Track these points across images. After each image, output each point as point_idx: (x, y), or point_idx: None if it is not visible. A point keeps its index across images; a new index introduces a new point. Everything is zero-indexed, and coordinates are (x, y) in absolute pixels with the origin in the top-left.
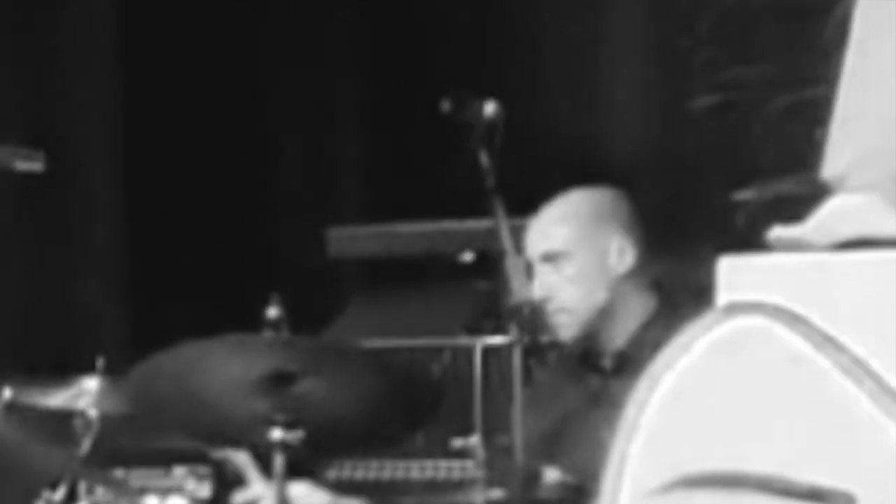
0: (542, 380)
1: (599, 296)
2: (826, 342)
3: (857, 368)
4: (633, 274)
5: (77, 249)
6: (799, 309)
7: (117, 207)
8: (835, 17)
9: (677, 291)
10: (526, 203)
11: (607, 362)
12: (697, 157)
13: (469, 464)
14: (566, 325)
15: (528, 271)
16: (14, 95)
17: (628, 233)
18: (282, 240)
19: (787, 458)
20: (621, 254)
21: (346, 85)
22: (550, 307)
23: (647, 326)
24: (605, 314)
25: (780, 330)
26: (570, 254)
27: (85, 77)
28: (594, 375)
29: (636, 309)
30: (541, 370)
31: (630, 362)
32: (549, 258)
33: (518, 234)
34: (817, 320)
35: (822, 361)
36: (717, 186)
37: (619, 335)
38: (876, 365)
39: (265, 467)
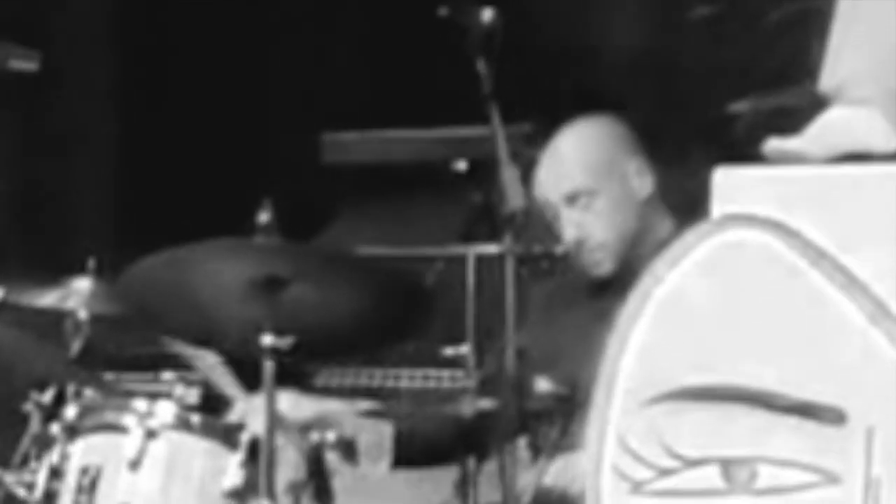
0: (555, 291)
1: (630, 225)
2: (820, 257)
3: (849, 283)
4: (653, 197)
5: (69, 150)
6: (794, 222)
7: (110, 109)
8: None
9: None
10: (521, 110)
11: (619, 282)
12: (694, 68)
13: (460, 373)
14: (602, 262)
15: (523, 179)
16: None
17: (642, 154)
18: (275, 145)
19: (778, 372)
20: (641, 176)
21: None
22: (587, 247)
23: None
24: (634, 243)
25: (773, 243)
26: (595, 190)
27: None
28: (608, 293)
29: (659, 233)
30: (554, 281)
31: None
32: (575, 199)
33: (513, 142)
34: (812, 234)
35: (814, 275)
36: (714, 98)
37: (644, 261)
38: (868, 278)
39: (255, 374)
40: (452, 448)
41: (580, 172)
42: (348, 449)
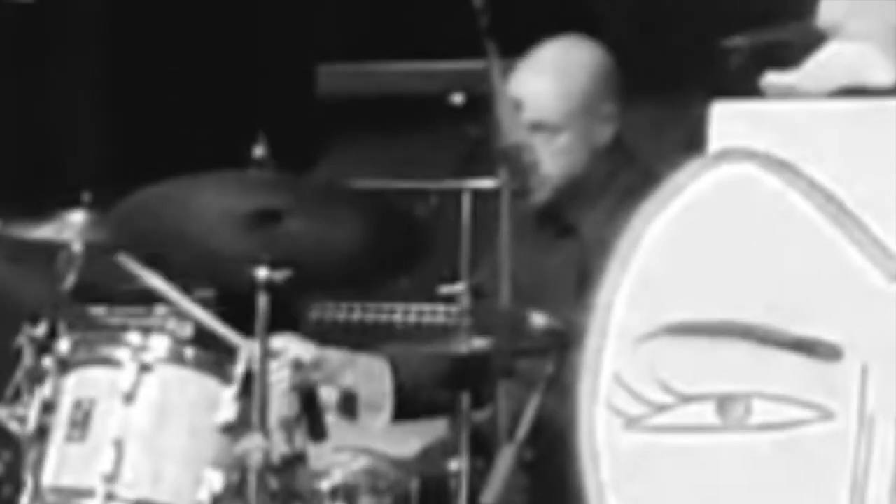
0: (517, 226)
1: (581, 167)
2: (815, 191)
3: (846, 218)
4: (611, 146)
5: (65, 83)
6: (790, 156)
7: (104, 43)
8: None
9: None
10: (518, 44)
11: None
12: (690, 2)
13: (454, 309)
14: (540, 190)
15: (519, 114)
16: None
17: (616, 100)
18: (270, 77)
19: (774, 308)
20: (605, 123)
21: None
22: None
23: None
24: (577, 184)
25: (769, 178)
26: (561, 126)
27: None
28: (549, 227)
29: (593, 181)
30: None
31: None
32: (541, 127)
33: (510, 77)
34: (808, 168)
35: (811, 211)
36: (710, 32)
37: (582, 205)
38: (864, 213)
39: (250, 307)
40: (448, 388)
41: (552, 103)
42: (348, 403)
